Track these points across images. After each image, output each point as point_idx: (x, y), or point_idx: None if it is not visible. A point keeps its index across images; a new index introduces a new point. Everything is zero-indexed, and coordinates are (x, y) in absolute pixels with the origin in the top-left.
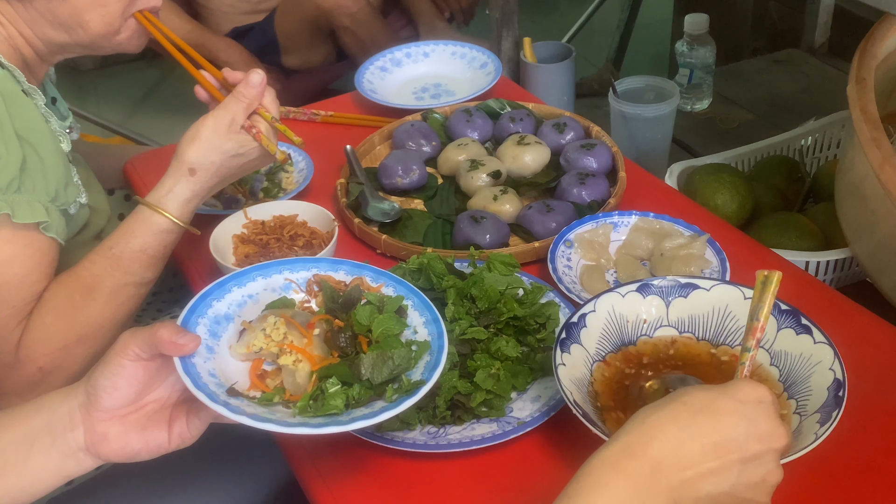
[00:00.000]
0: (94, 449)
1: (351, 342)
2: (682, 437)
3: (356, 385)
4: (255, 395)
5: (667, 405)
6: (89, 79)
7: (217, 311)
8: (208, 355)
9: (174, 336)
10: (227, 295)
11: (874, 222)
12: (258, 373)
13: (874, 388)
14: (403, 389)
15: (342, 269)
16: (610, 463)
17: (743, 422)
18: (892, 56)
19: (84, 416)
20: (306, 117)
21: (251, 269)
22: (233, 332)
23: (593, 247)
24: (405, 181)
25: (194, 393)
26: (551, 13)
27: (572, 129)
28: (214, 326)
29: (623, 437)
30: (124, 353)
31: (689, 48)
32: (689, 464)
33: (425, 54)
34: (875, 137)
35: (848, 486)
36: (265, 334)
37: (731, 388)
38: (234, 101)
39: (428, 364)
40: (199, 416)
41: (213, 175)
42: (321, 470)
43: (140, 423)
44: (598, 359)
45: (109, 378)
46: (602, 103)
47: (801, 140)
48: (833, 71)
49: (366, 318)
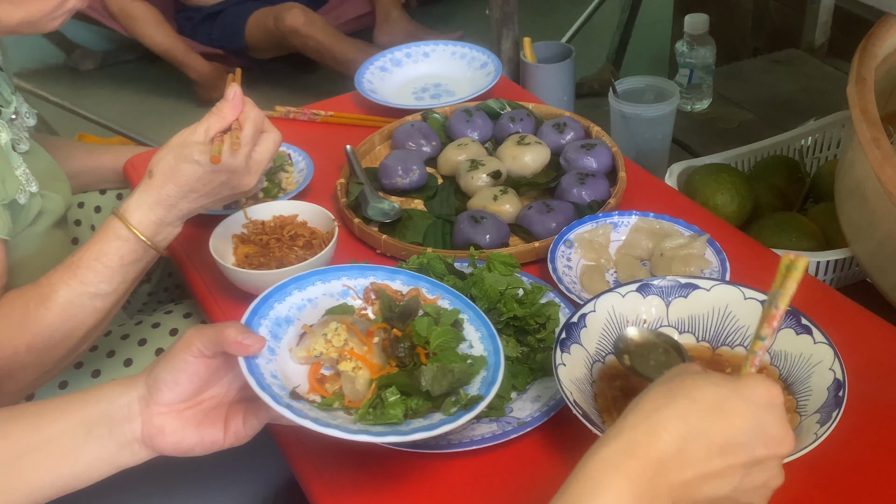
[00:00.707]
0: (150, 441)
1: (409, 353)
2: (687, 437)
3: (415, 396)
4: (314, 399)
5: (674, 401)
6: (89, 79)
7: (278, 314)
8: (270, 356)
9: (240, 336)
10: (287, 298)
11: (874, 222)
12: (317, 377)
13: (874, 389)
14: (461, 403)
15: (399, 279)
16: (611, 464)
17: (753, 425)
18: (892, 56)
19: (143, 409)
20: (306, 117)
21: (310, 273)
22: (292, 336)
23: (593, 247)
24: (405, 181)
25: (259, 394)
26: (551, 13)
27: (572, 129)
28: (275, 328)
29: (626, 433)
30: (188, 349)
31: (689, 48)
32: (691, 464)
33: (425, 54)
34: (875, 137)
35: (848, 486)
36: (326, 339)
37: (743, 386)
38: (210, 113)
39: (485, 379)
40: (256, 415)
41: (168, 179)
42: (321, 470)
43: (197, 418)
44: (598, 359)
45: (172, 372)
46: (602, 103)
47: (801, 140)
48: (833, 71)
49: (424, 329)
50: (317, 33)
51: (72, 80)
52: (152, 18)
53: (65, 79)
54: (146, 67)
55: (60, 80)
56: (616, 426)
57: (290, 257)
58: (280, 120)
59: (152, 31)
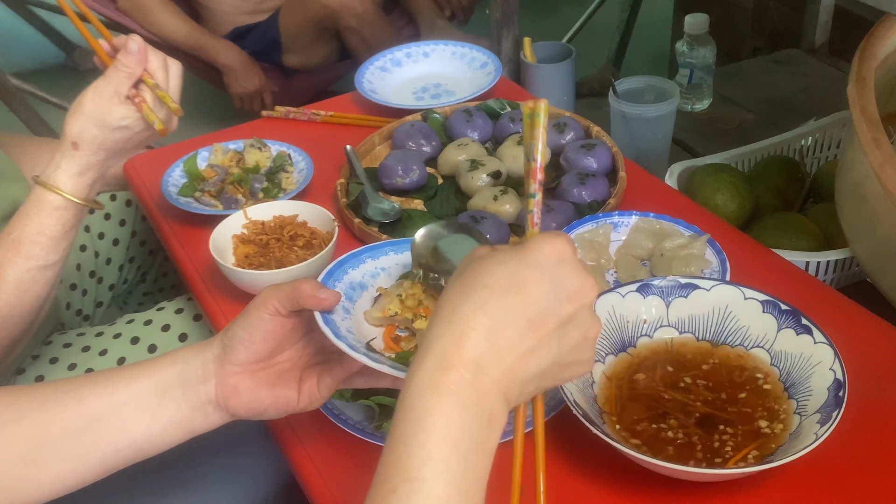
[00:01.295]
0: (223, 402)
1: None
2: (494, 326)
3: None
4: (390, 356)
5: (469, 294)
6: (89, 79)
7: (352, 279)
8: (345, 315)
9: (316, 291)
10: (361, 265)
11: (874, 222)
12: (392, 336)
13: (874, 389)
14: None
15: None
16: (429, 385)
17: (551, 288)
18: (892, 56)
19: (217, 369)
20: (306, 117)
21: (383, 244)
22: (367, 301)
23: (593, 247)
24: (405, 181)
25: (335, 342)
26: (551, 13)
27: (572, 129)
28: (350, 292)
29: (433, 346)
30: (265, 306)
31: (689, 48)
32: (507, 352)
33: (425, 54)
34: (875, 137)
35: (848, 486)
36: (401, 300)
37: (528, 252)
38: (115, 71)
39: None
40: (331, 373)
41: (99, 148)
42: (321, 470)
43: (271, 379)
44: (598, 359)
45: (248, 330)
46: (602, 103)
47: (801, 140)
48: (833, 71)
49: None
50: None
51: (72, 80)
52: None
53: (65, 79)
54: None
55: (60, 80)
56: (424, 340)
57: (290, 257)
58: (280, 120)
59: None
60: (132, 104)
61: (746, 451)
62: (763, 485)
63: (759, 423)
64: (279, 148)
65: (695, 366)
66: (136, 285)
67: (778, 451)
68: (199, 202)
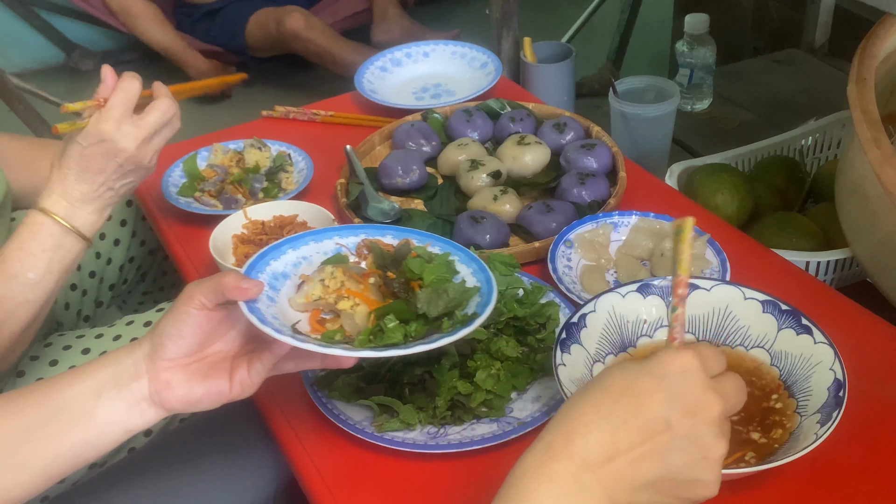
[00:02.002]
0: (157, 397)
1: (404, 287)
2: (603, 425)
3: (413, 322)
4: (316, 337)
5: (587, 394)
6: (89, 79)
7: (275, 269)
8: (270, 304)
9: (239, 282)
10: (282, 256)
11: (874, 222)
12: (317, 319)
13: (874, 389)
14: (458, 320)
15: (389, 234)
16: (533, 469)
17: (667, 397)
18: (892, 56)
19: (149, 366)
20: (306, 117)
21: (304, 234)
22: (290, 288)
23: (593, 247)
24: (405, 181)
25: (260, 327)
26: (551, 13)
27: (572, 129)
28: (273, 281)
29: (545, 437)
30: (190, 301)
31: (689, 48)
32: (615, 452)
33: (425, 54)
34: (875, 137)
35: (848, 486)
36: (323, 284)
37: (652, 362)
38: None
39: (480, 303)
40: (260, 360)
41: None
42: (321, 470)
43: (202, 371)
44: (599, 359)
45: (175, 326)
46: (602, 103)
47: (801, 140)
48: (833, 71)
49: (417, 267)
50: (317, 37)
51: (72, 80)
52: (151, 15)
53: (65, 79)
54: (146, 67)
55: (60, 80)
56: (541, 433)
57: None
58: (280, 120)
59: (151, 27)
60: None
61: (740, 453)
62: (763, 485)
63: (759, 425)
64: (279, 148)
65: None
66: (135, 285)
67: (778, 451)
68: (198, 202)
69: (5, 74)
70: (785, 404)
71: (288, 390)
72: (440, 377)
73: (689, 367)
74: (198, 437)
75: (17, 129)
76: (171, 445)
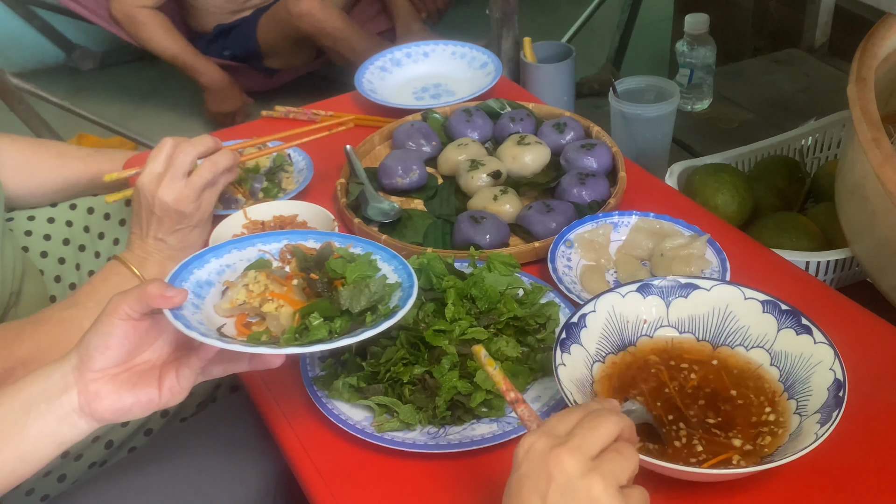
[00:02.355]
0: (87, 408)
1: (328, 287)
2: None
3: (337, 319)
4: (241, 339)
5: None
6: (89, 79)
7: (198, 278)
8: (195, 310)
9: (163, 290)
10: (206, 265)
11: (874, 222)
12: (244, 323)
13: (874, 388)
14: (381, 314)
15: (311, 238)
16: None
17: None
18: (892, 56)
19: (77, 378)
20: (306, 117)
21: (226, 243)
22: (215, 296)
23: (593, 247)
24: (405, 181)
25: (186, 332)
26: (551, 13)
27: (572, 129)
28: (197, 289)
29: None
30: (115, 312)
31: (689, 48)
32: None
33: (425, 54)
34: (875, 137)
35: (848, 486)
36: (247, 289)
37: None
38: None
39: (402, 297)
40: (188, 365)
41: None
42: (321, 470)
43: (131, 380)
44: (599, 359)
45: (101, 337)
46: (602, 103)
47: (801, 140)
48: (833, 71)
49: (339, 266)
50: (333, 19)
51: (72, 80)
52: (159, 23)
53: (65, 79)
54: (146, 67)
55: (60, 80)
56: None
57: None
58: (280, 120)
59: (159, 36)
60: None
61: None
62: (763, 485)
63: (759, 424)
64: None
65: (695, 366)
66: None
67: (778, 451)
68: None
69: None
70: (780, 411)
71: (288, 390)
72: (440, 377)
73: (529, 444)
74: (198, 436)
75: (17, 129)
76: (170, 445)
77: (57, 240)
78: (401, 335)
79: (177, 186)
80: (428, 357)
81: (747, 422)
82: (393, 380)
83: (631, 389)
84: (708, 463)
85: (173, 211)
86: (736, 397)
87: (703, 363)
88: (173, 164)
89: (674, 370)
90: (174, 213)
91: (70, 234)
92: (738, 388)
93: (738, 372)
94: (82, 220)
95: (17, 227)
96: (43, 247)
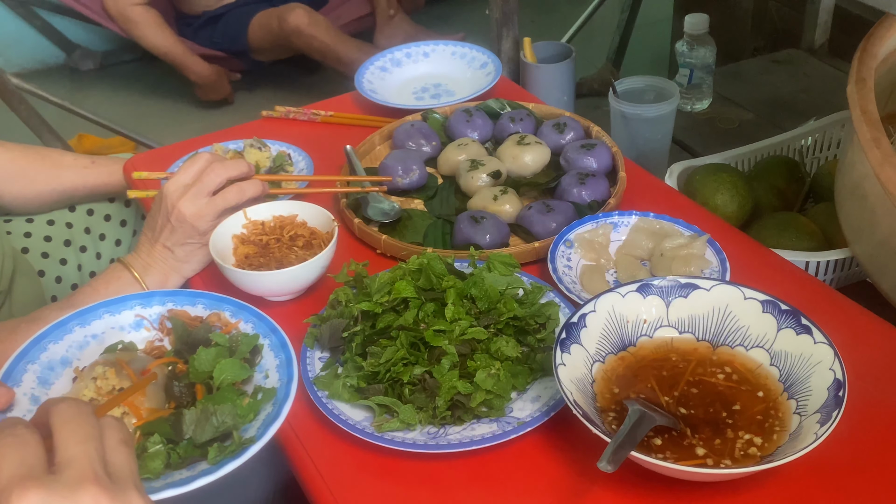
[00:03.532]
0: None
1: (187, 392)
2: None
3: (182, 443)
4: None
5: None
6: (89, 79)
7: (52, 356)
8: (31, 407)
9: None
10: (66, 336)
11: (874, 222)
12: None
13: (874, 388)
14: (234, 447)
15: (200, 303)
16: None
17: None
18: (892, 56)
19: None
20: (306, 117)
21: (98, 305)
22: (67, 381)
23: (593, 247)
24: (405, 181)
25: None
26: (551, 13)
27: (572, 129)
28: (46, 373)
29: None
30: None
31: (689, 48)
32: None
33: (425, 54)
34: (875, 137)
35: (848, 486)
36: (96, 384)
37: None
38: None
39: (268, 417)
40: None
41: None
42: (321, 470)
43: None
44: (599, 359)
45: None
46: (602, 103)
47: (801, 140)
48: (833, 71)
49: (208, 363)
50: (320, 33)
51: (72, 80)
52: (152, 21)
53: (65, 79)
54: (146, 67)
55: (60, 80)
56: None
57: (290, 258)
58: (280, 120)
59: (151, 33)
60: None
61: (727, 453)
62: (763, 485)
63: (758, 424)
64: (279, 148)
65: (694, 366)
66: None
67: (778, 451)
68: None
69: (5, 74)
70: (779, 411)
71: None
72: (440, 377)
73: None
74: None
75: (17, 129)
76: None
77: (58, 241)
78: (401, 335)
79: (199, 202)
80: (428, 357)
81: (747, 422)
82: (393, 380)
83: (631, 389)
84: (708, 463)
85: (188, 224)
86: (736, 397)
87: (702, 363)
88: (202, 180)
89: (674, 370)
90: (188, 227)
91: (71, 235)
92: (737, 388)
93: (737, 372)
94: (83, 222)
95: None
96: (44, 248)
